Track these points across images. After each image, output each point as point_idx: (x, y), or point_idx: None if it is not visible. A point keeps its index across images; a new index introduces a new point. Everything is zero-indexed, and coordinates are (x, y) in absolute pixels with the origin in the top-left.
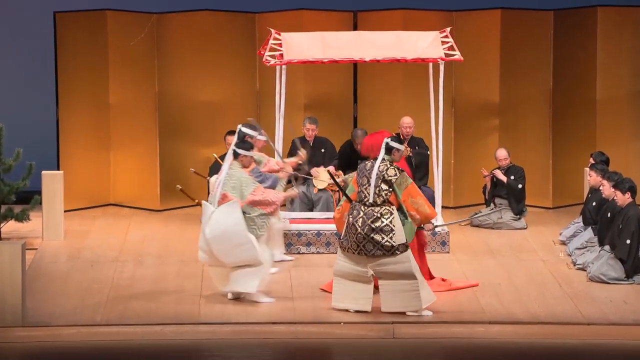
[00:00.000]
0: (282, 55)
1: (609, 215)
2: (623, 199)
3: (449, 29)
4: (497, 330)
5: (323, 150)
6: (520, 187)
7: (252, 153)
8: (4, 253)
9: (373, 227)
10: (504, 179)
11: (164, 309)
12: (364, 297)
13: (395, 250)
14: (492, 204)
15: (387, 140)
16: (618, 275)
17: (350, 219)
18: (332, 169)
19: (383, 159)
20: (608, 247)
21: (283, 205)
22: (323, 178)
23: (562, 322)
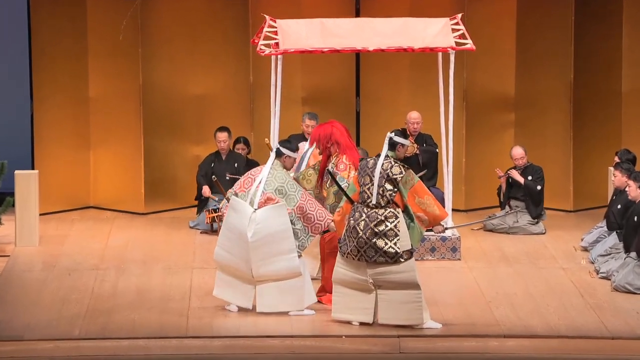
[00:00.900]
0: (277, 44)
1: (636, 219)
2: None
3: (460, 16)
4: (512, 345)
5: None
6: (539, 188)
7: (297, 155)
8: None
9: (376, 231)
10: (521, 180)
11: (149, 322)
12: (366, 307)
13: (399, 258)
14: (507, 207)
15: (390, 135)
16: None
17: (352, 222)
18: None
19: (386, 156)
20: (634, 253)
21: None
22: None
23: (584, 335)
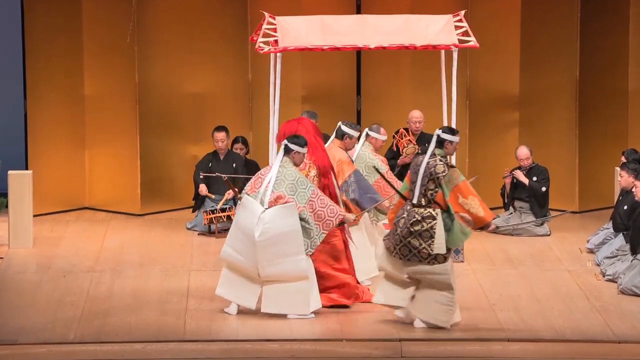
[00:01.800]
0: (277, 42)
1: None
2: None
3: (463, 12)
4: (516, 349)
5: None
6: (544, 190)
7: (304, 150)
8: None
9: (412, 230)
10: (525, 181)
11: (146, 325)
12: (404, 297)
13: (433, 260)
14: (511, 208)
15: (438, 132)
16: None
17: (396, 219)
18: None
19: (433, 154)
20: None
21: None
22: None
23: (590, 339)
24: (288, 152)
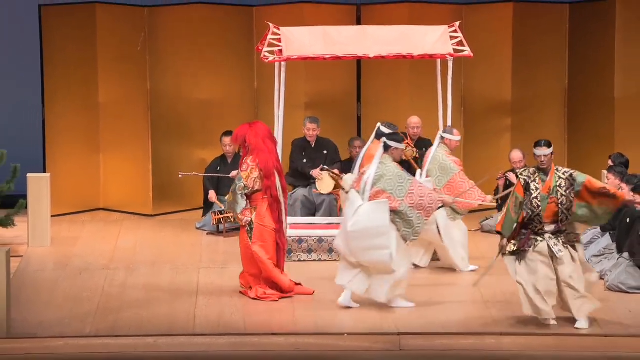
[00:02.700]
0: (281, 51)
1: (628, 221)
2: None
3: (458, 23)
4: (508, 342)
5: (325, 152)
6: None
7: (402, 145)
8: None
9: None
10: None
11: (158, 320)
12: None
13: None
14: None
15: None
16: (638, 284)
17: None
18: (336, 172)
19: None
20: (627, 254)
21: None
22: (327, 181)
23: (578, 333)
24: (387, 149)
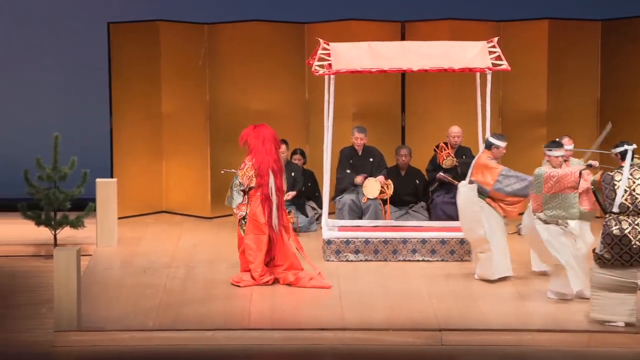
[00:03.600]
0: (330, 65)
1: None
2: None
3: (497, 39)
4: (545, 339)
5: (371, 160)
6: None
7: (562, 152)
8: (60, 259)
9: None
10: None
11: (215, 315)
12: (630, 308)
13: None
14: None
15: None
16: None
17: (616, 231)
18: (381, 179)
19: (631, 165)
20: None
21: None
22: (373, 187)
23: (611, 330)
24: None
